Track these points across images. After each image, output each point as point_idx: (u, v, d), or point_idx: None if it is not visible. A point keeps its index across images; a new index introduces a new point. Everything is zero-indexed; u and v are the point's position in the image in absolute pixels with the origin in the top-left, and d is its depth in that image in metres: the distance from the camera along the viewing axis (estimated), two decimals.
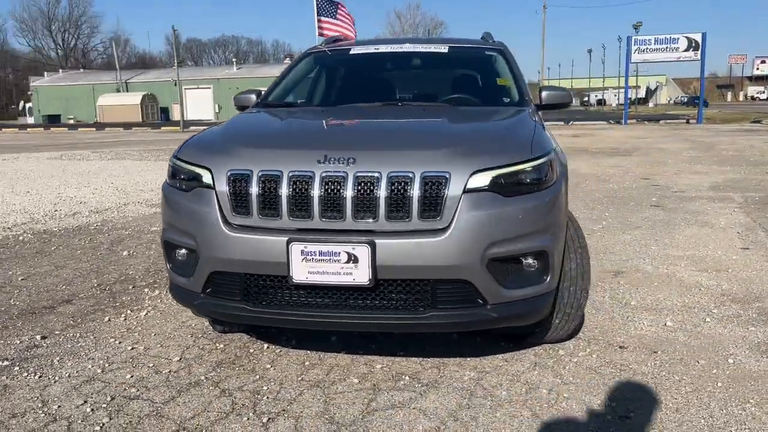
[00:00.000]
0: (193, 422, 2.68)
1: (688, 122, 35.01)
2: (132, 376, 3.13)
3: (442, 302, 2.74)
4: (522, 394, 2.92)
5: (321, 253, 2.65)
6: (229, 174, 2.80)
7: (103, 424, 2.66)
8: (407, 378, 3.09)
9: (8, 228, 7.11)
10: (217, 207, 2.82)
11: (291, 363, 3.27)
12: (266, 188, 2.73)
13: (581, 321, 3.80)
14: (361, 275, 2.64)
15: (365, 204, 2.65)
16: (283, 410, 2.77)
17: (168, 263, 3.16)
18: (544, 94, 4.01)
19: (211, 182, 2.85)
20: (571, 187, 9.91)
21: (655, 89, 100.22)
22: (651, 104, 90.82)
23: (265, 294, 2.82)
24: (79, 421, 2.69)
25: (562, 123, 37.11)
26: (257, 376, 3.12)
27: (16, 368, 3.24)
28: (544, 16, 36.52)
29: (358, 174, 2.66)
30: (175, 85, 57.06)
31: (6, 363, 3.30)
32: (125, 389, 2.99)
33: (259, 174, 2.74)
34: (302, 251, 2.66)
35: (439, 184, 2.64)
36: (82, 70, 79.18)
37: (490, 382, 3.03)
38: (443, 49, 4.39)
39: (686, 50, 33.69)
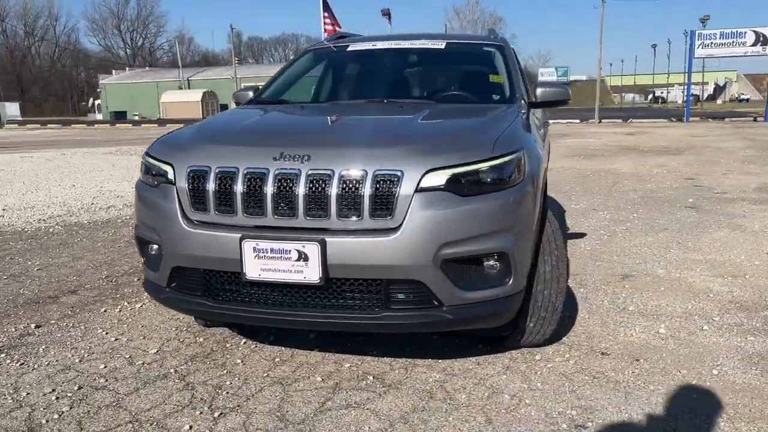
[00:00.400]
0: (147, 414, 2.73)
1: (755, 120, 33.53)
2: (105, 367, 3.21)
3: (396, 303, 2.70)
4: (483, 398, 2.85)
5: (272, 251, 2.65)
6: (188, 170, 2.83)
7: (62, 413, 2.74)
8: (371, 378, 3.06)
9: (43, 220, 7.41)
10: (177, 203, 2.85)
11: (262, 359, 3.29)
12: (222, 185, 2.75)
13: (572, 324, 3.72)
14: (311, 273, 2.63)
15: (317, 202, 2.63)
16: (238, 406, 2.79)
17: (142, 257, 3.23)
18: (539, 91, 3.90)
19: (173, 178, 2.89)
20: (607, 186, 9.71)
21: (724, 85, 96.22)
22: (719, 101, 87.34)
23: (223, 290, 2.85)
24: (42, 409, 2.78)
25: (620, 120, 36.15)
26: (225, 371, 3.15)
27: (2, 355, 3.37)
28: (602, 10, 35.47)
29: (311, 171, 2.64)
30: (235, 82, 58.41)
31: None
32: (95, 379, 3.07)
33: (217, 170, 2.77)
34: (254, 248, 2.67)
35: (391, 183, 2.60)
36: (147, 68, 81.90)
37: (454, 385, 2.97)
38: (440, 45, 4.32)
39: (754, 45, 32.24)
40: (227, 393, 2.91)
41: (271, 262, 2.66)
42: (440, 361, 3.25)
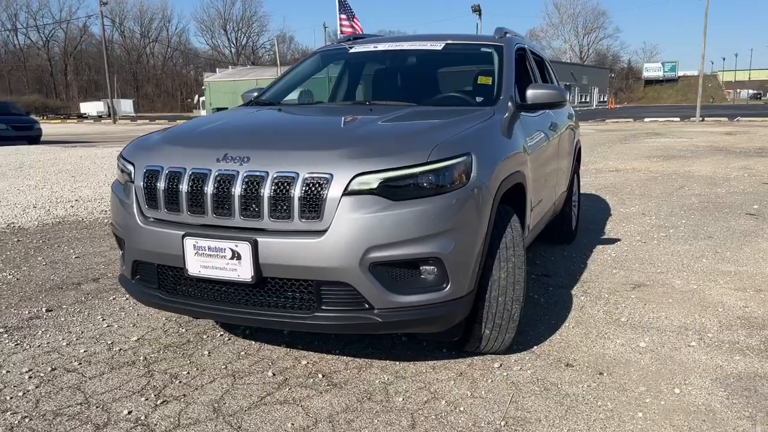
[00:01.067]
0: (99, 397, 2.91)
1: None
2: (86, 351, 3.45)
3: (327, 303, 2.74)
4: (419, 403, 2.84)
5: (210, 249, 2.76)
6: (145, 169, 3.00)
7: (27, 391, 2.97)
8: (320, 376, 3.11)
9: (105, 211, 7.94)
10: (135, 200, 3.03)
11: (229, 351, 3.42)
12: (171, 184, 2.89)
13: (552, 333, 3.62)
14: (244, 272, 2.73)
15: (250, 202, 2.72)
16: (184, 395, 2.93)
17: (120, 251, 3.44)
18: (529, 92, 3.80)
19: (134, 177, 3.07)
20: (670, 190, 9.24)
21: None
22: None
23: (173, 284, 2.99)
24: (12, 387, 3.02)
25: (726, 118, 34.08)
26: (188, 361, 3.30)
27: (5, 336, 3.68)
28: (707, 1, 33.38)
29: (247, 173, 2.73)
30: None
31: (0, 330, 3.76)
32: (70, 362, 3.30)
33: (167, 170, 2.91)
34: (194, 245, 2.79)
35: (320, 186, 2.65)
36: (249, 66, 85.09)
37: (397, 388, 2.98)
38: (438, 47, 4.30)
39: None
40: (180, 382, 3.06)
41: (209, 259, 2.77)
42: (398, 363, 3.26)
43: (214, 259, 2.76)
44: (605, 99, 77.31)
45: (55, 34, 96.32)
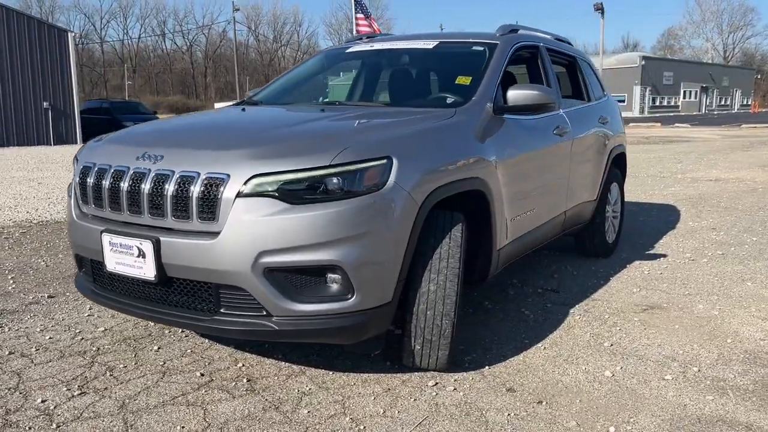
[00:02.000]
0: (30, 384, 3.01)
1: None
2: (50, 338, 3.60)
3: (226, 307, 2.68)
4: (322, 417, 2.70)
5: (121, 246, 2.78)
6: (82, 166, 3.08)
7: None
8: (245, 381, 3.05)
9: None
10: (74, 195, 3.12)
11: (177, 349, 3.44)
12: (97, 181, 2.94)
13: (519, 353, 3.34)
14: (148, 270, 2.72)
15: (155, 201, 2.71)
16: (105, 388, 2.97)
17: None
18: (509, 94, 3.54)
19: (74, 173, 3.16)
20: (765, 204, 8.28)
21: None
22: None
23: (104, 278, 3.05)
24: None
25: None
26: (133, 355, 3.35)
27: None
28: None
29: (155, 171, 2.72)
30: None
31: None
32: (29, 348, 3.45)
33: (97, 167, 2.97)
34: (110, 242, 2.82)
35: (216, 186, 2.59)
36: None
37: (311, 399, 2.86)
38: (430, 45, 4.09)
39: None
40: (110, 375, 3.11)
41: (121, 256, 2.80)
42: (330, 373, 3.13)
43: (125, 256, 2.78)
44: (749, 102, 71.36)
45: (197, 38, 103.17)
